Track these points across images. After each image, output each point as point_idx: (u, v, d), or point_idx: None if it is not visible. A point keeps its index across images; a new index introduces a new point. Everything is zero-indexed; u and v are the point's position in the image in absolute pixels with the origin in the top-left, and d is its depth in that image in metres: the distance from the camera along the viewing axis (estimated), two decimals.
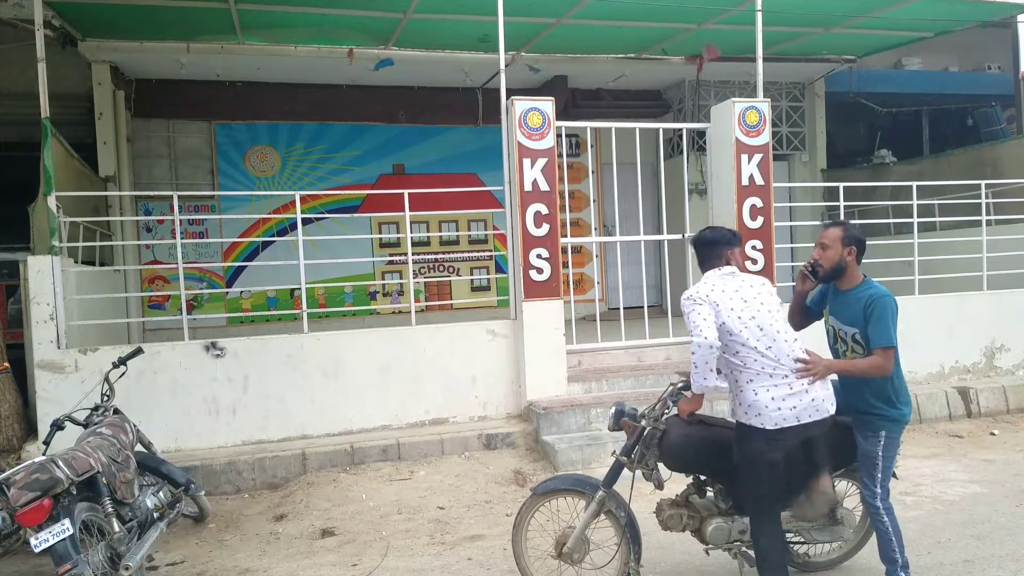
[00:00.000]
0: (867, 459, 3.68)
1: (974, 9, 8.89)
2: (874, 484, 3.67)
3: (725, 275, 3.62)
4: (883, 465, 3.65)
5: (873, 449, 3.65)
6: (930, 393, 7.33)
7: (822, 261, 3.76)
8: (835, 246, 3.73)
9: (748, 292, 3.55)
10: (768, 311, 3.51)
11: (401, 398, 6.59)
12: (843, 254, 3.72)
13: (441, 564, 4.53)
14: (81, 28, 8.16)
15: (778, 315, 3.54)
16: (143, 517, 4.27)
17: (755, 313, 3.49)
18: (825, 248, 3.75)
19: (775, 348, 3.44)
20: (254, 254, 10.28)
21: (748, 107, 7.20)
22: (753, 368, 3.44)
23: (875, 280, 3.77)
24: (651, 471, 3.71)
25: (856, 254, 3.73)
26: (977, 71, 13.04)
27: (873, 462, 3.66)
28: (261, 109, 10.22)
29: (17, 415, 6.09)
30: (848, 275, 3.75)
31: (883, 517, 3.68)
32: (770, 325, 3.47)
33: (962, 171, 9.33)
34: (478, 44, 8.92)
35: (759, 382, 3.42)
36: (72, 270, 6.33)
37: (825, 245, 3.75)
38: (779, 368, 3.42)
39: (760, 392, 3.41)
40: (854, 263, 3.74)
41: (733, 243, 3.72)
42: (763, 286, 3.63)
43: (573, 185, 11.10)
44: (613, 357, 7.34)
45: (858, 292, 3.71)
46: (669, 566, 4.31)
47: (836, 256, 3.72)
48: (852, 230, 3.78)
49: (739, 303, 3.50)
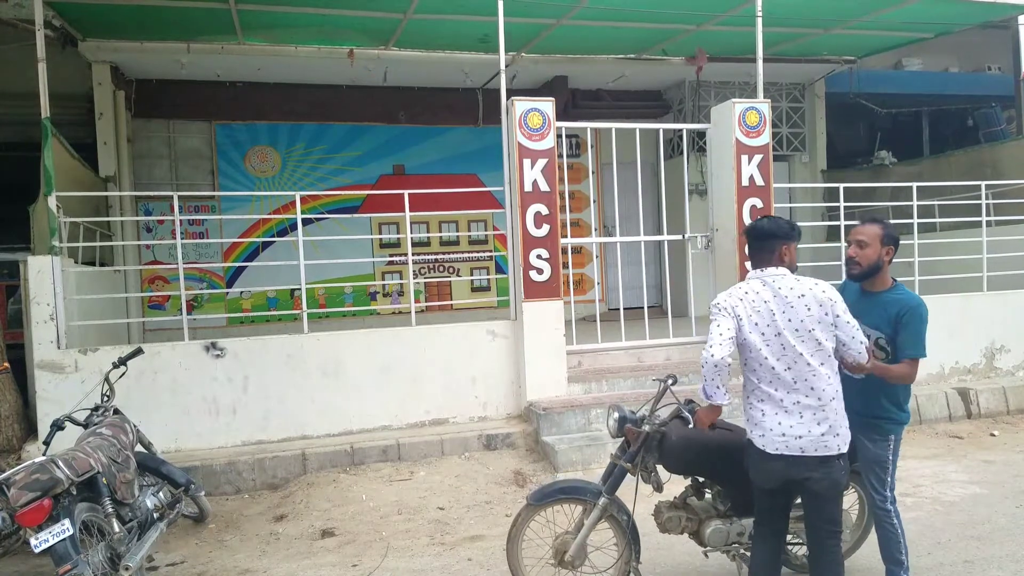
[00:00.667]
0: (878, 463, 3.63)
1: (974, 9, 8.89)
2: (884, 488, 3.64)
3: (767, 278, 3.27)
4: (893, 468, 3.65)
5: (883, 453, 3.61)
6: (930, 394, 7.33)
7: (859, 259, 3.53)
8: (874, 244, 3.50)
9: (782, 303, 3.20)
10: (796, 328, 3.16)
11: (401, 398, 6.59)
12: (881, 253, 3.52)
13: (441, 564, 4.53)
14: (81, 28, 8.16)
15: (810, 334, 3.16)
16: (143, 517, 4.27)
17: (781, 329, 3.18)
18: (863, 246, 3.51)
19: (794, 370, 3.17)
20: (254, 254, 10.28)
21: (748, 108, 7.21)
22: (766, 389, 3.22)
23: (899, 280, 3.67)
24: (650, 473, 3.70)
25: (892, 254, 3.55)
26: (977, 72, 13.05)
27: (883, 466, 3.62)
28: (261, 109, 10.22)
29: (17, 415, 6.09)
30: (881, 276, 3.56)
31: (893, 520, 3.65)
32: (793, 346, 3.16)
33: (962, 172, 9.33)
34: (478, 44, 8.92)
35: (769, 403, 3.22)
36: (72, 270, 6.33)
37: (864, 243, 3.51)
38: (792, 393, 3.18)
39: (768, 414, 3.22)
40: (887, 263, 3.55)
41: (791, 237, 3.31)
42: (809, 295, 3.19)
43: (573, 185, 11.10)
44: (613, 357, 7.34)
45: (890, 296, 3.54)
46: (669, 567, 4.31)
47: (874, 255, 3.51)
48: (891, 228, 3.56)
49: (767, 316, 3.20)
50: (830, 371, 3.20)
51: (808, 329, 3.17)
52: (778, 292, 3.23)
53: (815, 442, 3.16)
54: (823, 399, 3.17)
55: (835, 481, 3.21)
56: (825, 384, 3.18)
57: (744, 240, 3.55)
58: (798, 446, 3.17)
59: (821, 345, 3.18)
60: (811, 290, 3.20)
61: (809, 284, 3.22)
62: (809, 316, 3.17)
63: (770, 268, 3.30)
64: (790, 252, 3.31)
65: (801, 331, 3.18)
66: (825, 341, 3.19)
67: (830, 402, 3.18)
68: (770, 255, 3.30)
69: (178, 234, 6.83)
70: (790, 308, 3.20)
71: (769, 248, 3.30)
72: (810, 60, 10.51)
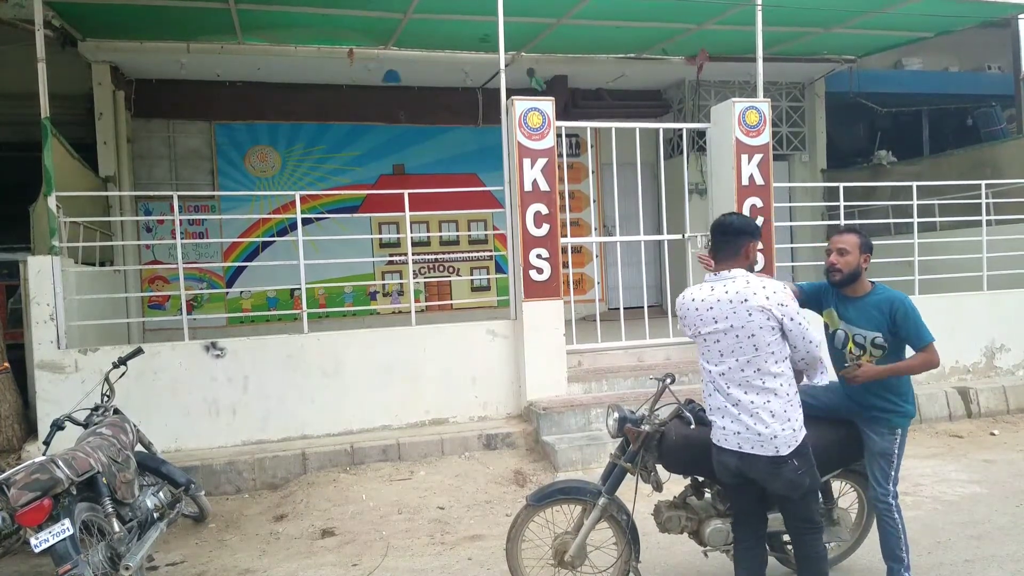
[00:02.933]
0: (884, 457, 3.67)
1: (974, 9, 8.89)
2: (887, 482, 3.68)
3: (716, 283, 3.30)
4: (897, 463, 3.69)
5: (890, 447, 3.66)
6: (930, 393, 7.33)
7: (840, 266, 3.68)
8: (854, 252, 3.66)
9: (725, 308, 3.22)
10: (738, 334, 3.20)
11: (401, 398, 6.59)
12: (860, 260, 3.68)
13: (441, 564, 4.53)
14: (81, 28, 8.16)
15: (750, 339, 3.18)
16: (143, 517, 4.28)
17: (721, 336, 3.25)
18: (844, 253, 3.67)
19: (728, 376, 3.26)
20: (254, 254, 10.28)
21: (748, 107, 7.21)
22: (710, 387, 3.37)
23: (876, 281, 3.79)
24: (649, 473, 3.70)
25: (868, 261, 3.73)
26: (977, 71, 13.04)
27: (889, 459, 3.67)
28: (261, 109, 10.22)
29: (17, 415, 6.09)
30: (861, 281, 3.72)
31: (894, 514, 3.69)
32: (731, 350, 3.22)
33: (962, 171, 9.32)
34: (478, 44, 8.92)
35: (712, 400, 3.37)
36: (72, 270, 6.33)
37: (845, 250, 3.67)
38: (729, 396, 3.27)
39: (713, 410, 3.38)
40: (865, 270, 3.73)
41: (757, 235, 3.39)
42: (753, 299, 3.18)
43: (573, 185, 11.10)
44: (613, 357, 7.34)
45: (874, 297, 3.68)
46: (669, 566, 4.31)
47: (855, 262, 3.67)
48: (866, 236, 3.75)
49: (709, 323, 3.26)
50: (767, 376, 3.20)
51: (750, 333, 3.19)
52: (723, 296, 3.25)
53: (751, 440, 3.21)
54: (756, 401, 3.20)
55: (790, 481, 3.22)
56: (759, 388, 3.21)
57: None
58: (736, 442, 3.26)
59: (758, 349, 3.19)
60: (755, 294, 3.18)
61: (756, 287, 3.21)
62: (751, 320, 3.18)
63: (724, 270, 3.31)
64: (752, 251, 3.38)
65: (743, 335, 3.20)
66: (764, 345, 3.19)
67: (764, 405, 3.19)
68: (735, 251, 3.32)
69: (178, 234, 6.83)
70: (733, 313, 3.21)
71: (737, 244, 3.32)
72: (810, 59, 10.51)
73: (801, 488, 3.26)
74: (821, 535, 3.42)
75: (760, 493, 3.40)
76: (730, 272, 3.30)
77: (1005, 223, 8.64)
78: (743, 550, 3.53)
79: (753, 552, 3.52)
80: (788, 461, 3.19)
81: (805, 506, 3.33)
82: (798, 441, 3.21)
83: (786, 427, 3.20)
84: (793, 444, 3.19)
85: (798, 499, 3.29)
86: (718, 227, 3.40)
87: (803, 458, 3.24)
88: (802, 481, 3.24)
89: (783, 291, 3.26)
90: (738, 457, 3.28)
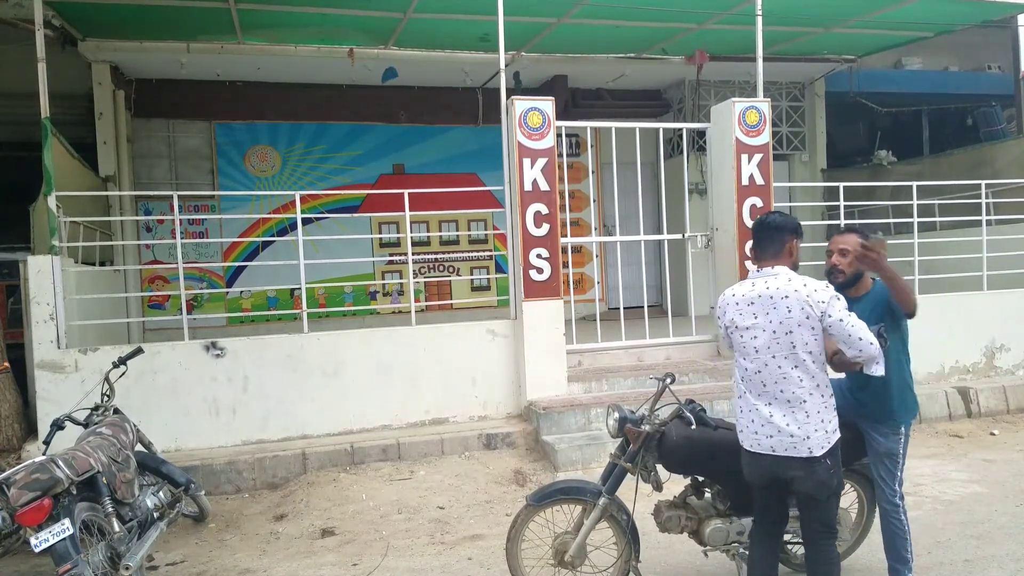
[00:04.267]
0: (889, 456, 3.66)
1: (974, 9, 8.89)
2: (894, 481, 3.67)
3: (758, 279, 3.28)
4: (902, 462, 3.67)
5: (895, 446, 3.64)
6: (930, 393, 7.32)
7: (842, 267, 3.62)
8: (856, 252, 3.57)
9: (766, 304, 3.19)
10: (775, 331, 3.17)
11: (401, 398, 6.59)
12: None
13: (441, 564, 4.53)
14: (81, 28, 8.16)
15: (787, 336, 3.15)
16: (143, 517, 4.28)
17: (759, 333, 3.21)
18: (846, 254, 3.61)
19: (764, 373, 3.22)
20: (254, 254, 10.28)
21: (748, 107, 7.21)
22: (743, 387, 3.32)
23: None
24: (649, 472, 3.70)
25: None
26: (977, 71, 13.04)
27: (894, 459, 3.65)
28: (261, 109, 10.22)
29: (17, 415, 6.09)
30: (863, 281, 3.68)
31: (900, 515, 3.67)
32: (767, 348, 3.19)
33: (962, 171, 9.33)
34: (478, 44, 8.92)
35: (743, 402, 3.32)
36: (72, 270, 6.33)
37: (846, 251, 3.61)
38: (764, 395, 3.23)
39: (744, 410, 3.31)
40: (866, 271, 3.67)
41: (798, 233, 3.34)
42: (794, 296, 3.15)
43: (573, 185, 11.10)
44: (613, 357, 7.34)
45: (875, 294, 3.63)
46: (669, 566, 4.31)
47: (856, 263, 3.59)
48: (868, 236, 3.67)
49: (748, 318, 3.24)
50: (803, 374, 3.16)
51: (788, 330, 3.16)
52: (764, 292, 3.22)
53: (784, 443, 3.18)
54: (792, 401, 3.17)
55: (820, 482, 3.19)
56: (796, 387, 3.17)
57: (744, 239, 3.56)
58: (769, 445, 3.21)
59: (795, 347, 3.15)
60: (796, 291, 3.15)
61: (797, 285, 3.17)
62: (789, 317, 3.15)
63: (768, 267, 3.28)
64: (795, 248, 3.33)
65: (780, 332, 3.17)
66: (801, 344, 3.15)
67: (800, 404, 3.16)
68: (778, 249, 3.28)
69: (178, 234, 6.83)
70: (773, 309, 3.19)
71: (779, 241, 3.28)
72: (810, 59, 10.51)
73: (830, 489, 3.23)
74: (835, 541, 3.38)
75: (784, 493, 3.36)
76: (773, 268, 3.27)
77: (1005, 223, 8.64)
78: (760, 548, 3.46)
79: (769, 552, 3.46)
80: (822, 461, 3.16)
81: (827, 508, 3.28)
82: (831, 443, 3.18)
83: (819, 428, 3.16)
84: (826, 445, 3.16)
85: (823, 500, 3.25)
86: (760, 225, 3.37)
87: (836, 459, 3.22)
88: (831, 481, 3.21)
89: (825, 289, 3.18)
90: (772, 460, 3.23)
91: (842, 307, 3.15)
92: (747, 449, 3.30)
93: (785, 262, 3.28)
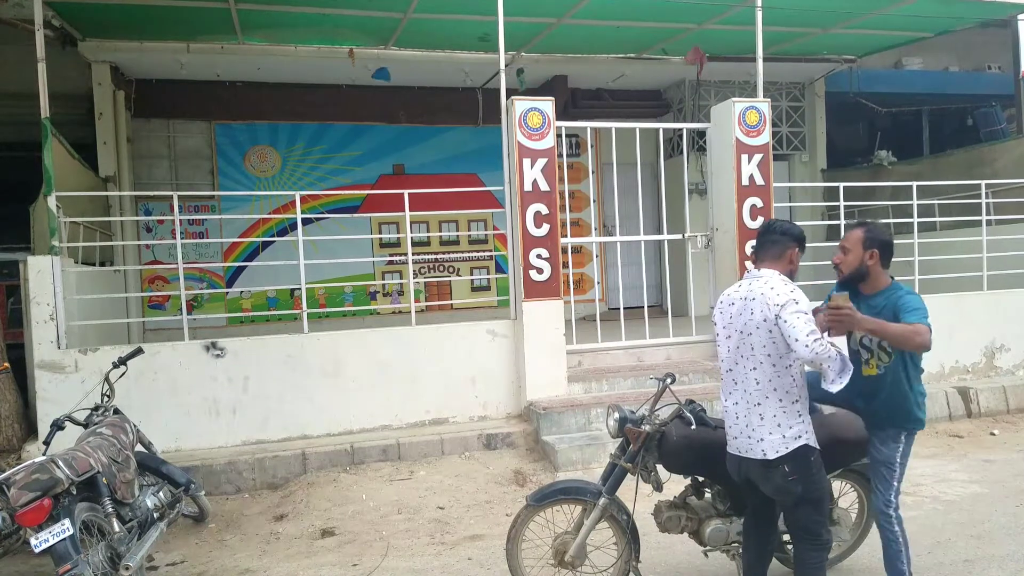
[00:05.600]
0: (885, 465, 3.53)
1: (974, 9, 8.89)
2: (888, 491, 3.53)
3: (745, 280, 3.38)
4: (900, 472, 3.53)
5: (891, 455, 3.50)
6: (930, 393, 7.19)
7: (842, 265, 3.52)
8: (856, 249, 3.49)
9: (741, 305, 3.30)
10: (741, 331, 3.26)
11: (401, 398, 6.59)
12: (864, 257, 3.47)
13: (441, 564, 4.53)
14: (81, 28, 8.16)
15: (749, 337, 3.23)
16: (143, 517, 4.27)
17: (732, 331, 3.33)
18: (846, 252, 3.52)
19: (734, 372, 3.32)
20: (254, 254, 10.28)
21: (748, 107, 7.20)
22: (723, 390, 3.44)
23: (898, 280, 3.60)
24: (649, 473, 3.70)
25: (879, 257, 3.48)
26: (977, 71, 13.04)
27: (890, 468, 3.51)
28: (261, 109, 10.22)
29: (17, 415, 6.09)
30: (871, 280, 3.51)
31: (894, 526, 3.54)
32: (737, 348, 3.29)
33: (962, 171, 9.32)
34: (478, 44, 8.92)
35: (724, 404, 3.42)
36: (72, 270, 6.33)
37: (846, 248, 3.52)
38: (732, 394, 3.33)
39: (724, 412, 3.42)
40: (877, 267, 3.49)
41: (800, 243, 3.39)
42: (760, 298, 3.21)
43: (573, 185, 11.10)
44: (613, 357, 7.34)
45: (886, 297, 3.46)
46: (669, 566, 4.31)
47: (856, 260, 3.49)
48: (875, 231, 3.51)
49: (726, 316, 3.37)
50: (761, 376, 3.21)
51: (748, 332, 3.24)
52: (744, 294, 3.31)
53: (745, 444, 3.28)
54: (750, 402, 3.25)
55: (778, 487, 3.22)
56: (754, 389, 3.23)
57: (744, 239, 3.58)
58: (736, 445, 3.34)
59: (754, 349, 3.22)
60: (763, 294, 3.20)
61: (766, 288, 3.21)
62: (751, 319, 3.22)
63: (765, 267, 3.34)
64: (795, 257, 3.37)
65: (744, 333, 3.26)
66: (759, 345, 3.19)
67: (756, 407, 3.22)
68: (778, 254, 3.34)
69: (178, 234, 6.83)
70: (744, 310, 3.26)
71: (780, 246, 3.34)
72: (810, 59, 10.51)
73: (791, 496, 3.23)
74: (821, 550, 3.34)
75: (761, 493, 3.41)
76: (761, 271, 3.32)
77: (1005, 223, 8.64)
78: (749, 547, 3.55)
79: (760, 551, 3.53)
80: (778, 466, 3.19)
81: (801, 515, 3.28)
82: (788, 448, 3.17)
83: (775, 432, 3.19)
84: (782, 450, 3.17)
85: (792, 506, 3.26)
86: (766, 228, 3.43)
87: (798, 466, 3.19)
88: (792, 488, 3.20)
89: (786, 289, 3.18)
90: (739, 460, 3.34)
91: (794, 309, 3.11)
92: (727, 448, 3.43)
93: (780, 268, 3.33)
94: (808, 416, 3.27)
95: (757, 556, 3.55)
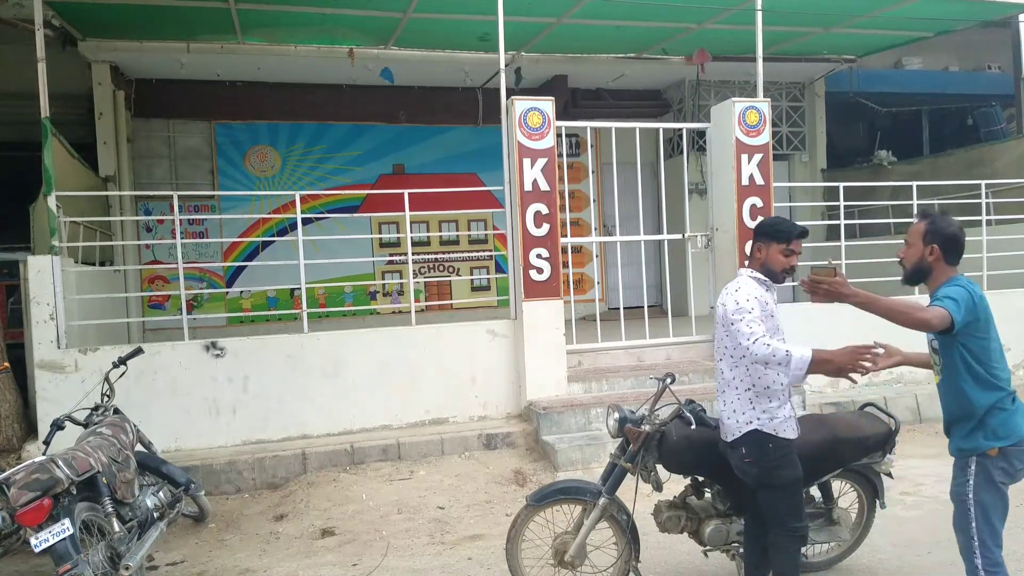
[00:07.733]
0: (958, 504, 3.14)
1: (974, 9, 8.89)
2: (971, 543, 3.05)
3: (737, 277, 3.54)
4: (979, 521, 3.04)
5: (961, 488, 3.13)
6: (930, 393, 7.31)
7: (904, 260, 3.12)
8: (916, 243, 3.06)
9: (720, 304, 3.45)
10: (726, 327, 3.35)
11: (401, 398, 6.59)
12: (924, 253, 3.04)
13: (441, 564, 4.53)
14: (81, 28, 8.16)
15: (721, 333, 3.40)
16: (143, 517, 4.27)
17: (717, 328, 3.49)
18: (908, 245, 3.10)
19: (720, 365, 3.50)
20: (254, 254, 10.28)
21: (748, 107, 7.20)
22: None
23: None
24: (649, 472, 3.70)
25: (941, 253, 3.03)
26: (977, 71, 13.04)
27: (963, 507, 3.08)
28: (261, 109, 10.22)
29: (17, 415, 6.09)
30: (935, 277, 3.07)
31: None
32: (719, 342, 3.47)
33: (962, 171, 9.32)
34: (478, 44, 8.92)
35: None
36: (72, 270, 6.33)
37: (908, 242, 3.10)
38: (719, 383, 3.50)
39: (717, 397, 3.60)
40: (940, 263, 3.04)
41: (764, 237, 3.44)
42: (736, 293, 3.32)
43: (573, 185, 11.09)
44: (613, 357, 7.34)
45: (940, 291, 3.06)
46: (669, 566, 4.31)
47: (916, 255, 3.06)
48: (938, 224, 3.06)
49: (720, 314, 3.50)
50: (724, 367, 3.45)
51: (721, 328, 3.44)
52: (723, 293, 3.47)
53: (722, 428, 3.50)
54: (720, 390, 3.49)
55: (738, 467, 3.43)
56: (720, 378, 3.48)
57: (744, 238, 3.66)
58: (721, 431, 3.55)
59: (716, 345, 3.51)
60: (727, 295, 3.39)
61: (730, 289, 3.41)
62: (721, 317, 3.42)
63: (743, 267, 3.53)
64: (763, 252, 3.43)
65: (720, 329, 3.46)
66: (719, 340, 3.46)
67: (721, 395, 3.47)
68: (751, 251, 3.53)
69: (178, 234, 6.83)
70: (719, 308, 3.46)
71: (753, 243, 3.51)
72: (810, 59, 10.51)
73: (749, 476, 3.41)
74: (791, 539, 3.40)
75: None
76: (740, 271, 3.51)
77: (1005, 223, 8.63)
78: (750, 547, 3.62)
79: (760, 551, 3.56)
80: (737, 448, 3.40)
81: (764, 499, 3.42)
82: (741, 432, 3.37)
83: (731, 417, 3.41)
84: (736, 434, 3.38)
85: (756, 488, 3.42)
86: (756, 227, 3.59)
87: (752, 449, 3.35)
88: (748, 469, 3.39)
89: (735, 289, 3.36)
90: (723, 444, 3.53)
91: (736, 309, 3.26)
92: None
93: (753, 265, 3.49)
94: (768, 405, 3.35)
95: (758, 556, 3.56)
